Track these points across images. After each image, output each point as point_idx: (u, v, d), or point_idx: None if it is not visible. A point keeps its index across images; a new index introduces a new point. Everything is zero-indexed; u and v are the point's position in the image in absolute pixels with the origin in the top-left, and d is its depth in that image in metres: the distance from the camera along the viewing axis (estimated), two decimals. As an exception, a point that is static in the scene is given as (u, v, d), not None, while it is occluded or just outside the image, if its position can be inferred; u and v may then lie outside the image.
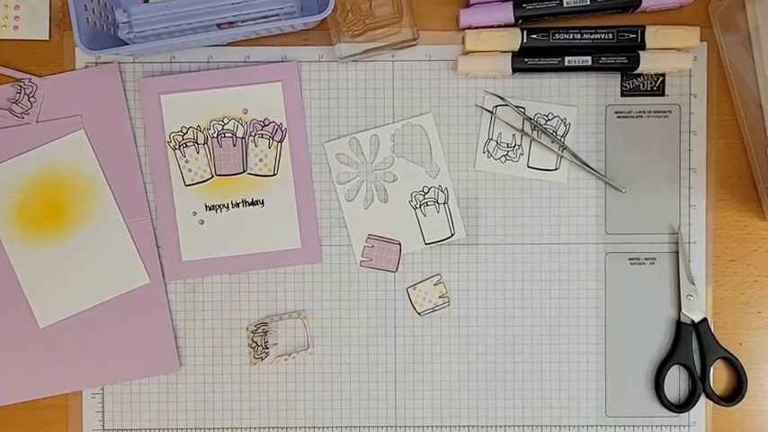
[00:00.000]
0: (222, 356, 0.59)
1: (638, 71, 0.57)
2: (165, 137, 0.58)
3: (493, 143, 0.58)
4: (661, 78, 0.58)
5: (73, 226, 0.58)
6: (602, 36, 0.56)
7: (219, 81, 0.58)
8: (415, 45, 0.57)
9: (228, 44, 0.58)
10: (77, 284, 0.58)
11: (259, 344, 0.58)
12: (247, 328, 0.59)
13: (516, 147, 0.58)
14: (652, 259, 0.58)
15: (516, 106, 0.58)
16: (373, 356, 0.59)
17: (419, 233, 0.59)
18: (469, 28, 0.57)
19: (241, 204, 0.58)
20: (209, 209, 0.58)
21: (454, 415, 0.59)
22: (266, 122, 0.58)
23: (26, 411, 0.59)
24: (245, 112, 0.58)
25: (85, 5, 0.52)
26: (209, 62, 0.58)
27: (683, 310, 0.57)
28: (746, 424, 0.59)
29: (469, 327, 0.59)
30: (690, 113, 0.58)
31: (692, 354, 0.58)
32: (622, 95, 0.58)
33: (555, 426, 0.59)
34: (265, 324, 0.59)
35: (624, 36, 0.56)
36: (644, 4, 0.56)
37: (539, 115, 0.58)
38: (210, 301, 0.59)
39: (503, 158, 0.58)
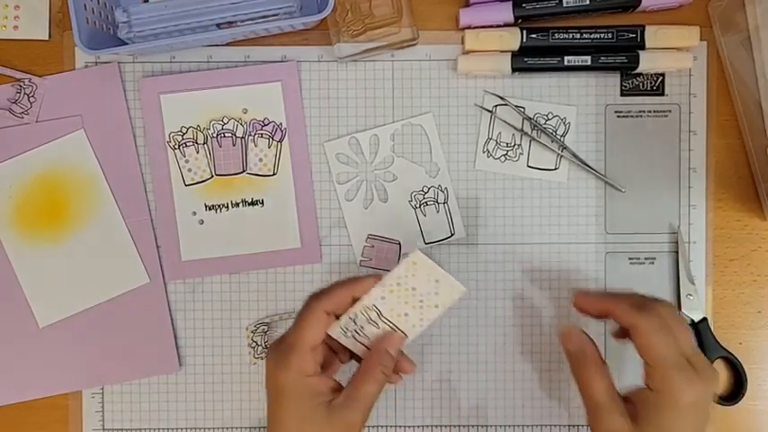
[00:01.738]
0: (222, 356, 0.59)
1: (637, 71, 0.57)
2: (164, 137, 0.58)
3: (492, 143, 0.58)
4: (661, 78, 0.58)
5: (72, 226, 0.58)
6: (602, 36, 0.56)
7: (219, 81, 0.58)
8: (414, 45, 0.57)
9: (228, 44, 0.58)
10: (77, 284, 0.58)
11: (259, 344, 0.58)
12: (247, 328, 0.59)
13: (516, 146, 0.58)
14: (652, 259, 0.58)
15: (516, 106, 0.58)
16: (373, 356, 0.59)
17: (419, 233, 0.59)
18: (469, 27, 0.57)
19: (241, 204, 0.58)
20: (209, 209, 0.58)
21: (454, 414, 0.59)
22: (266, 122, 0.58)
23: (26, 411, 0.59)
24: (245, 111, 0.58)
25: (85, 5, 0.52)
26: (208, 62, 0.58)
27: (682, 310, 0.57)
28: (746, 424, 0.59)
29: (469, 326, 0.59)
30: (689, 113, 0.58)
31: None
32: (622, 95, 0.58)
33: (555, 425, 0.59)
34: (265, 324, 0.59)
35: (624, 36, 0.56)
36: (643, 4, 0.56)
37: (538, 115, 0.58)
38: (210, 301, 0.59)
39: (502, 158, 0.58)
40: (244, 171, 0.58)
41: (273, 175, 0.58)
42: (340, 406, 0.45)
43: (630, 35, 0.56)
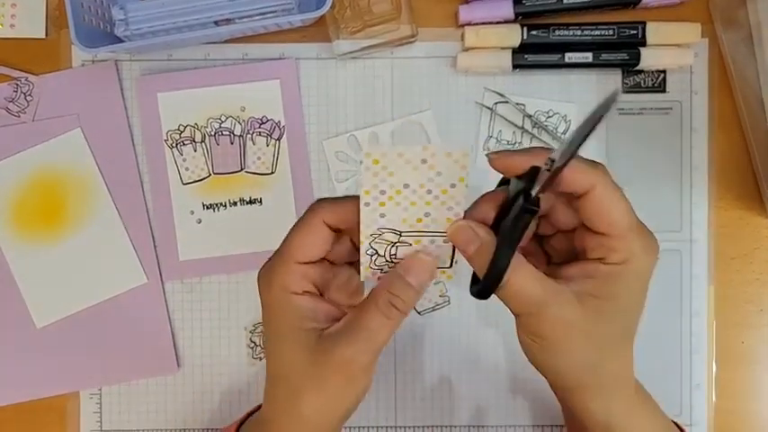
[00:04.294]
0: (220, 356, 0.59)
1: (638, 68, 0.56)
2: (162, 135, 0.58)
3: (493, 140, 0.58)
4: (662, 75, 0.58)
5: (70, 225, 0.58)
6: (603, 32, 0.56)
7: (217, 79, 0.57)
8: (413, 42, 0.57)
9: (226, 41, 0.58)
10: (74, 284, 0.58)
11: (258, 344, 0.58)
12: (246, 329, 0.58)
13: (516, 144, 0.58)
14: (653, 257, 0.58)
15: (516, 103, 0.58)
16: (373, 356, 0.59)
17: (419, 231, 0.58)
18: (469, 24, 0.56)
19: (239, 203, 0.58)
20: (207, 207, 0.58)
21: (455, 415, 0.58)
22: (264, 120, 0.58)
23: (23, 412, 0.58)
24: (243, 109, 0.58)
25: (82, 3, 0.52)
26: (206, 60, 0.58)
27: None
28: (747, 424, 0.58)
29: (470, 326, 0.58)
30: (691, 110, 0.58)
31: None
32: (623, 92, 0.58)
33: (556, 425, 0.58)
34: (264, 323, 0.58)
35: (625, 32, 0.56)
36: (644, 0, 0.55)
37: (539, 112, 0.58)
38: (209, 301, 0.59)
39: (503, 156, 0.58)
40: (242, 169, 0.58)
41: (272, 173, 0.58)
42: (335, 335, 0.36)
43: (631, 32, 0.56)
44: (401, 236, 0.38)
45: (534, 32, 0.55)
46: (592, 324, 0.35)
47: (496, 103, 0.58)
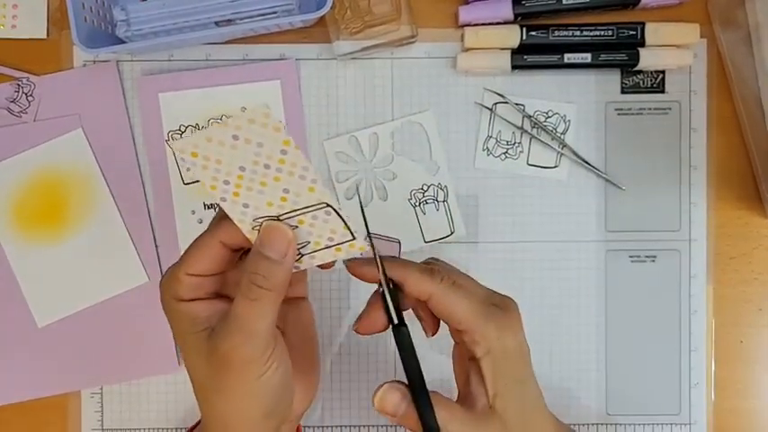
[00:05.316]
0: (221, 356, 0.59)
1: (637, 68, 0.56)
2: (163, 135, 0.58)
3: (492, 141, 0.58)
4: (661, 75, 0.58)
5: (71, 225, 0.58)
6: (602, 33, 0.56)
7: (218, 79, 0.57)
8: (413, 42, 0.57)
9: (226, 42, 0.58)
10: (75, 283, 0.58)
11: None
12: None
13: (516, 144, 0.58)
14: (653, 257, 0.58)
15: (516, 104, 0.58)
16: (373, 356, 0.59)
17: (419, 231, 0.58)
18: (468, 25, 0.57)
19: (240, 203, 0.58)
20: (208, 208, 0.58)
21: (454, 414, 0.59)
22: (265, 120, 0.58)
23: (24, 411, 0.59)
24: (244, 110, 0.58)
25: (83, 4, 0.52)
26: (207, 60, 0.58)
27: None
28: (747, 423, 0.58)
29: (469, 325, 0.59)
30: (690, 110, 0.58)
31: None
32: (622, 92, 0.58)
33: (556, 424, 0.58)
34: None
35: (624, 33, 0.56)
36: (643, 1, 0.56)
37: (538, 112, 0.58)
38: (209, 301, 0.59)
39: (502, 156, 0.58)
40: (243, 170, 0.58)
41: (272, 173, 0.58)
42: (217, 331, 0.35)
43: (630, 32, 0.56)
44: (280, 220, 0.36)
45: (533, 33, 0.56)
46: (508, 414, 0.38)
47: (496, 104, 0.58)
